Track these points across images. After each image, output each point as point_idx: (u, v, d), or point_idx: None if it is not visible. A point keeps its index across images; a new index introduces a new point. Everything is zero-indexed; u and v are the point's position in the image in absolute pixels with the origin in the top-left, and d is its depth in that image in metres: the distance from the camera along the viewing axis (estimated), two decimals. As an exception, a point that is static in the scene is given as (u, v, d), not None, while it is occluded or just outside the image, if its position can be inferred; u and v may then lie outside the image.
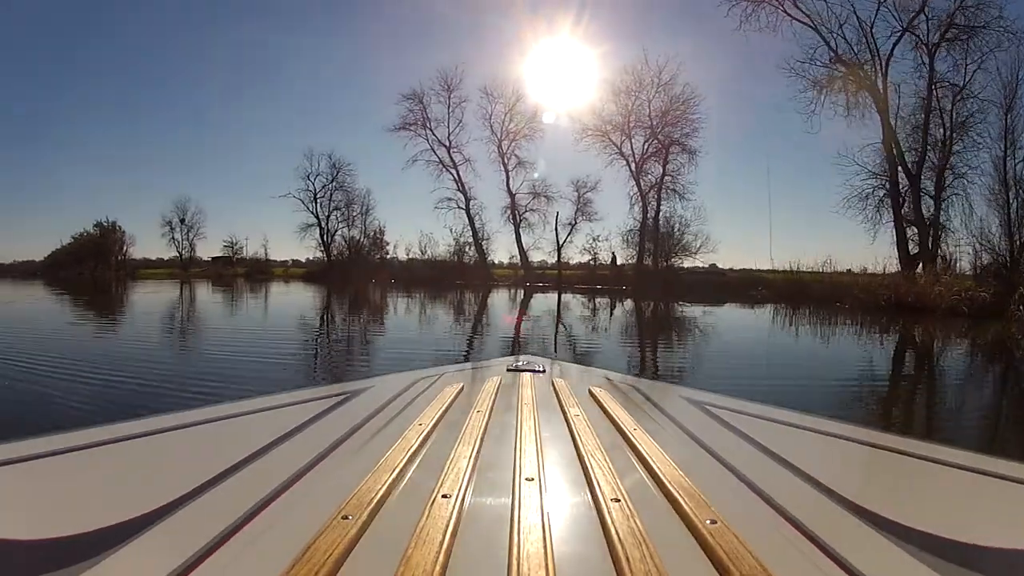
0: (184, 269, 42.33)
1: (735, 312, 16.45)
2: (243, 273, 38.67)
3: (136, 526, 0.60)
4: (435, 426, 1.00)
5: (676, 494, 0.69)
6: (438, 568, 0.49)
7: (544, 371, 1.63)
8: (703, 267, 27.47)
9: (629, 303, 18.88)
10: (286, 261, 42.92)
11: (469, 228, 32.18)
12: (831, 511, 0.73)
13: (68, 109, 58.98)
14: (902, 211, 19.76)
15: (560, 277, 29.04)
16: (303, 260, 39.32)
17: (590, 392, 1.36)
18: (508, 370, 1.63)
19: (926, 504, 0.84)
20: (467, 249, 32.48)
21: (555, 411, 1.17)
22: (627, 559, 0.52)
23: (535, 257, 32.06)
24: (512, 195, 31.32)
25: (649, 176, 28.82)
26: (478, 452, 0.85)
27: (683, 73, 27.53)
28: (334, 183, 36.35)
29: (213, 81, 62.01)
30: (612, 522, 0.59)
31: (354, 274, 31.22)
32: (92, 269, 41.30)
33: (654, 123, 28.29)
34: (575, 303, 18.47)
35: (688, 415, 1.30)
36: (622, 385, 1.58)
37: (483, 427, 0.99)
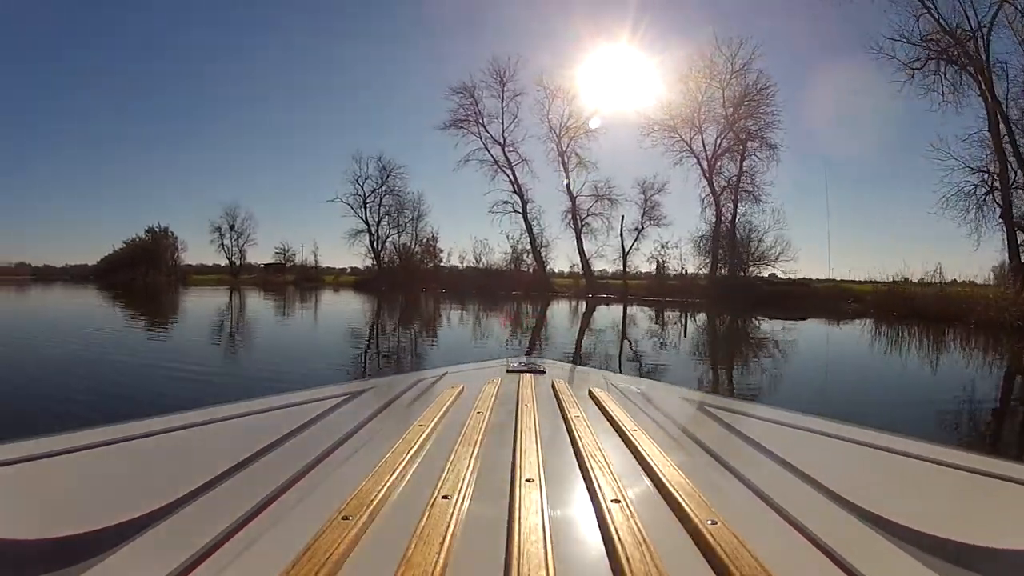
0: (234, 275, 45.27)
1: (822, 329, 15.63)
2: (292, 280, 40.88)
3: (136, 526, 0.64)
4: (435, 427, 1.06)
5: (676, 494, 0.73)
6: (438, 569, 0.52)
7: (544, 372, 1.74)
8: (782, 276, 26.24)
9: (702, 317, 18.43)
10: (337, 268, 44.92)
11: (526, 234, 32.07)
12: (831, 511, 0.78)
13: (118, 114, 64.65)
14: (1013, 212, 18.04)
15: (626, 288, 28.64)
16: (355, 268, 40.90)
17: (590, 393, 1.44)
18: (508, 371, 1.72)
19: (926, 504, 0.90)
20: (524, 257, 32.55)
21: (555, 412, 1.24)
22: (627, 559, 0.55)
23: (598, 266, 31.77)
24: (573, 198, 30.91)
25: (721, 176, 27.93)
26: (478, 453, 0.89)
27: (756, 60, 26.45)
28: (384, 187, 37.43)
29: (263, 85, 66.02)
30: (612, 523, 0.63)
31: (405, 282, 31.97)
32: (144, 274, 44.62)
33: (729, 115, 27.15)
34: (642, 317, 18.19)
35: (688, 415, 1.41)
36: (622, 386, 1.65)
37: (483, 428, 1.04)
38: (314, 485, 0.78)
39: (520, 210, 32.34)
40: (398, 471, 0.79)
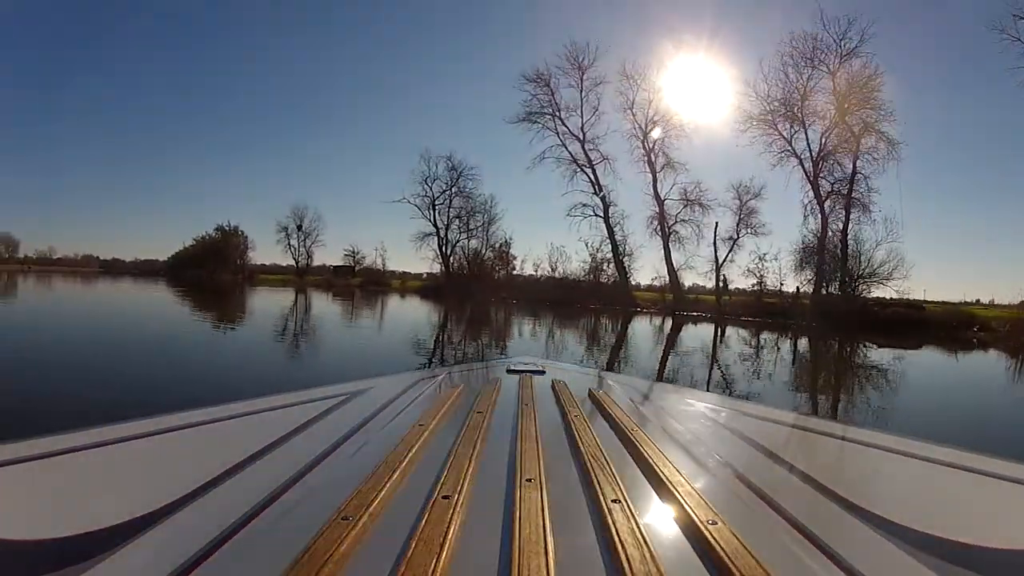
0: (299, 276, 47.72)
1: (944, 362, 14.44)
2: (358, 284, 42.53)
3: (136, 526, 0.67)
4: (435, 427, 1.11)
5: (676, 494, 0.77)
6: (439, 569, 0.55)
7: (544, 372, 1.84)
8: (894, 297, 24.16)
9: (803, 342, 17.66)
10: (404, 273, 45.99)
11: (607, 240, 31.25)
12: (831, 511, 0.84)
13: (190, 112, 69.53)
14: None
15: (719, 304, 27.64)
16: (424, 273, 41.33)
17: (590, 393, 1.53)
18: (508, 371, 1.82)
19: (926, 504, 0.96)
20: (605, 266, 31.91)
21: (555, 412, 1.30)
22: (627, 559, 0.58)
23: (687, 279, 30.80)
24: (660, 201, 29.93)
25: (827, 179, 25.82)
26: (478, 453, 0.93)
27: (866, 41, 23.85)
28: (453, 188, 37.66)
29: (331, 84, 69.40)
30: (612, 523, 0.67)
31: (475, 291, 32.00)
32: (212, 272, 47.75)
33: (837, 105, 24.82)
34: (735, 339, 17.54)
35: (688, 415, 1.49)
36: (621, 386, 1.74)
37: (483, 428, 1.09)
38: (314, 485, 0.82)
39: (601, 214, 31.30)
40: (398, 471, 0.83)
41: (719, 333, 19.28)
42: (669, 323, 22.74)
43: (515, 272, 36.15)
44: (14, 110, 66.70)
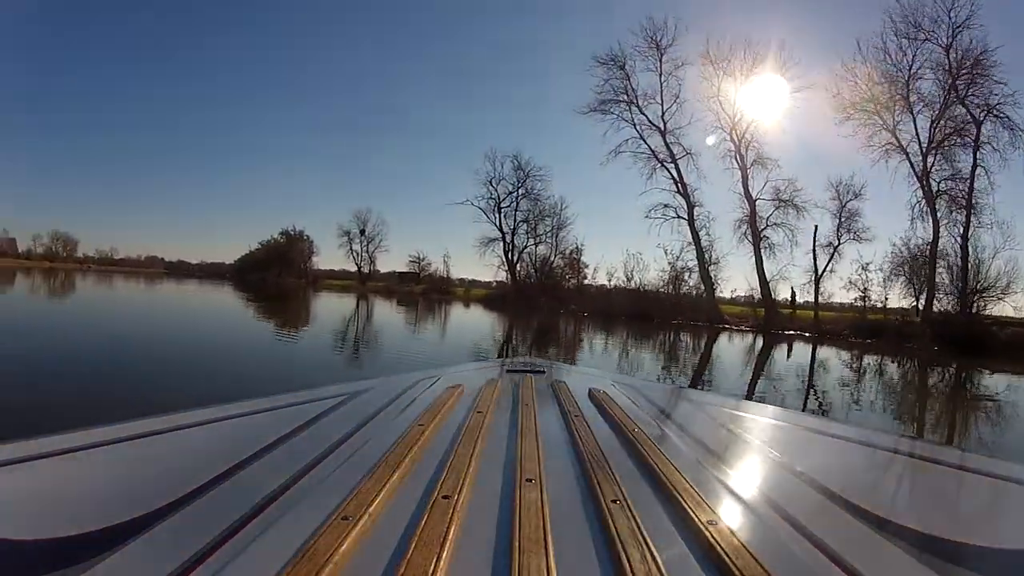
0: (361, 282, 49.17)
1: None
2: (421, 291, 42.96)
3: (136, 526, 0.70)
4: (435, 427, 1.15)
5: (676, 494, 0.80)
6: (439, 569, 0.58)
7: (544, 372, 1.91)
8: (1010, 316, 21.59)
9: (912, 365, 16.45)
10: (472, 281, 46.29)
11: (689, 247, 29.38)
12: (831, 511, 0.87)
13: (258, 119, 73.54)
14: None
15: (818, 320, 25.86)
16: (488, 280, 41.25)
17: (590, 393, 1.57)
18: (508, 371, 1.89)
19: (926, 504, 1.01)
20: (687, 276, 30.26)
21: (555, 412, 1.35)
22: (627, 559, 0.61)
23: (780, 292, 28.68)
24: (752, 202, 27.83)
25: (934, 176, 23.04)
26: (478, 453, 0.97)
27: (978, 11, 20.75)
28: (521, 190, 37.18)
29: (401, 84, 71.56)
30: (612, 523, 0.70)
31: (543, 301, 31.39)
32: (276, 275, 50.13)
33: (949, 87, 21.99)
34: (835, 362, 16.48)
35: (688, 415, 1.53)
36: (621, 386, 1.80)
37: (483, 428, 1.13)
38: (314, 485, 0.84)
39: (686, 215, 29.13)
40: (398, 471, 0.86)
41: (815, 354, 18.24)
42: (759, 341, 21.63)
43: (586, 282, 35.01)
44: (79, 119, 72.54)
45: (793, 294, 28.60)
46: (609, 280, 33.61)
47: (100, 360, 7.88)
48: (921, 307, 24.22)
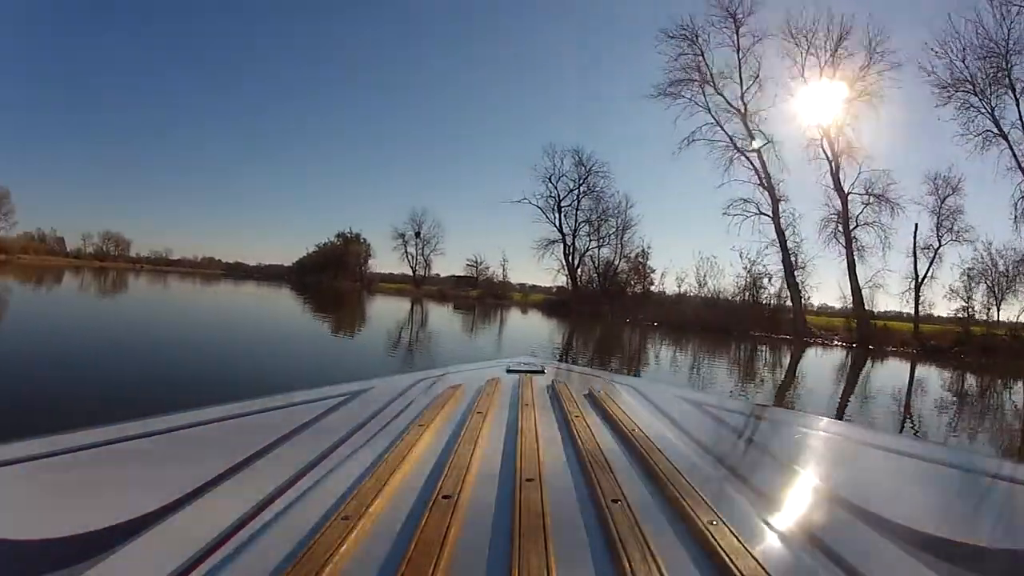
0: (416, 285, 49.41)
1: None
2: (476, 296, 42.81)
3: (136, 526, 0.72)
4: (435, 427, 1.17)
5: (676, 494, 0.83)
6: (439, 569, 0.60)
7: (544, 371, 1.98)
8: None
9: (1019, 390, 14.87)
10: (532, 286, 45.54)
11: (770, 249, 26.89)
12: (832, 511, 0.91)
13: (322, 122, 75.47)
14: None
15: (919, 334, 23.56)
16: (552, 287, 39.28)
17: (590, 392, 1.64)
18: (508, 371, 1.94)
19: (926, 504, 1.06)
20: (767, 283, 27.97)
21: (555, 411, 1.40)
22: (627, 559, 0.63)
23: (876, 303, 26.16)
24: (844, 196, 25.08)
25: None
26: (478, 453, 1.00)
27: None
28: (582, 187, 35.78)
29: (459, 82, 71.99)
30: (612, 523, 0.72)
31: (607, 309, 30.13)
32: (332, 278, 51.14)
33: None
34: (933, 383, 15.09)
35: (688, 415, 1.58)
36: (621, 386, 1.92)
37: (483, 428, 1.16)
38: (314, 485, 0.86)
39: (769, 211, 26.49)
40: (398, 471, 0.88)
41: (914, 373, 16.63)
42: (849, 357, 19.90)
43: (652, 288, 33.09)
44: (132, 121, 76.08)
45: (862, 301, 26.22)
46: (679, 286, 31.67)
47: (133, 359, 8.14)
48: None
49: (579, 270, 35.60)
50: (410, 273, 52.10)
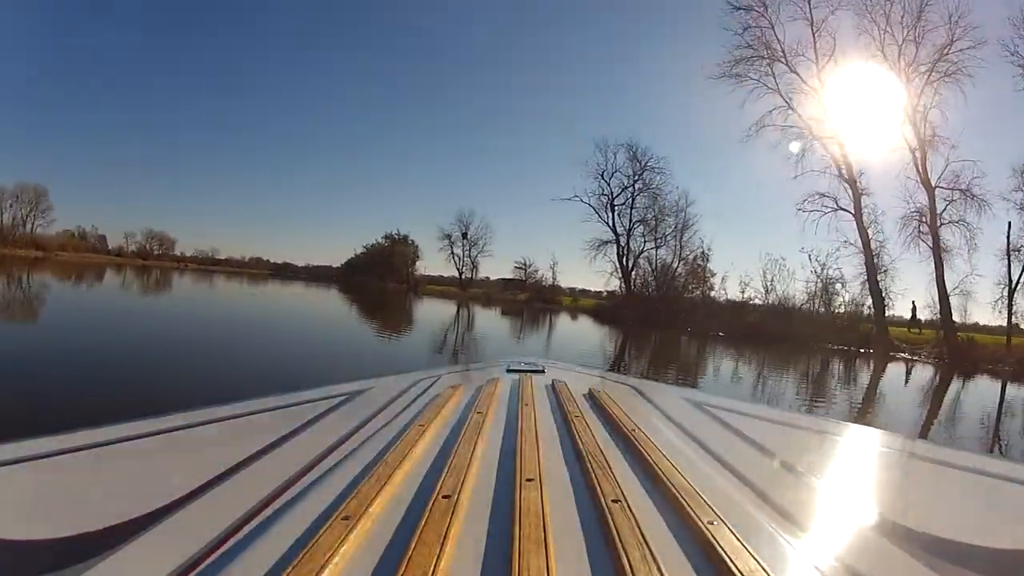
0: (462, 288, 49.03)
1: None
2: (524, 299, 42.01)
3: (136, 526, 0.74)
4: (435, 427, 1.20)
5: (676, 494, 0.84)
6: (439, 569, 0.61)
7: (544, 371, 2.09)
8: None
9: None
10: (582, 291, 44.38)
11: (844, 251, 24.68)
12: (832, 511, 0.94)
13: (373, 122, 76.48)
14: None
15: (1010, 347, 21.44)
16: (602, 291, 37.90)
17: (590, 392, 1.70)
18: (507, 371, 2.04)
19: (926, 504, 1.09)
20: (841, 290, 25.83)
21: (555, 411, 1.43)
22: (627, 559, 0.63)
23: (970, 314, 23.86)
24: (931, 191, 22.47)
25: None
26: (478, 453, 1.01)
27: None
28: (637, 183, 34.11)
29: (508, 78, 71.74)
30: (612, 522, 0.73)
31: (663, 315, 28.34)
32: (379, 279, 51.51)
33: None
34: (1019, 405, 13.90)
35: (688, 415, 1.63)
36: (621, 386, 2.06)
37: (483, 428, 1.18)
38: (314, 485, 0.88)
39: (850, 208, 23.83)
40: (398, 471, 0.89)
41: (1004, 395, 15.22)
42: (937, 375, 18.27)
43: (713, 293, 31.13)
44: (176, 119, 78.47)
45: (914, 309, 24.68)
46: (742, 292, 29.48)
47: (152, 357, 8.51)
48: None
49: (633, 272, 33.84)
50: (456, 275, 51.69)
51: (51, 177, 73.94)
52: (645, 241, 33.81)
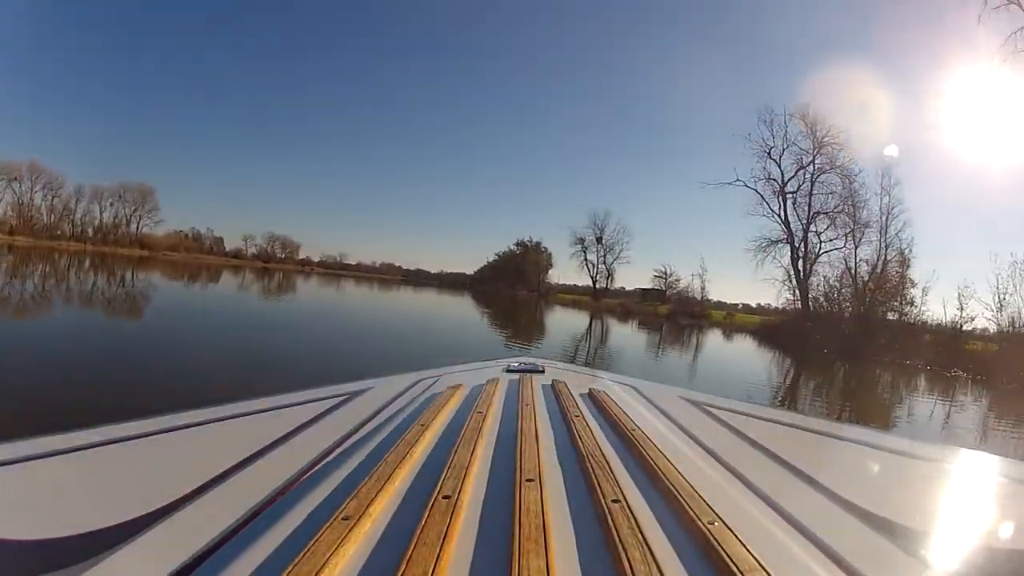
0: (595, 298, 44.67)
1: None
2: (665, 312, 36.70)
3: (136, 526, 0.75)
4: (435, 427, 1.19)
5: (676, 494, 0.84)
6: (439, 569, 0.62)
7: (544, 372, 2.05)
8: None
9: None
10: (736, 305, 39.52)
11: None
12: (831, 511, 0.93)
13: (516, 126, 74.19)
14: None
15: None
16: (767, 305, 31.81)
17: (590, 392, 1.66)
18: (507, 371, 2.03)
19: (926, 504, 1.10)
20: None
21: (555, 412, 1.41)
22: (628, 560, 0.64)
23: None
24: None
25: None
26: (478, 453, 1.01)
27: None
28: (816, 159, 25.95)
29: (649, 69, 66.54)
30: (612, 523, 0.73)
31: (851, 341, 21.14)
32: (509, 286, 48.67)
33: None
34: None
35: (688, 415, 1.58)
36: (621, 386, 1.95)
37: (483, 428, 1.17)
38: (314, 485, 0.88)
39: None
40: (398, 471, 0.89)
41: None
42: None
43: (917, 313, 22.71)
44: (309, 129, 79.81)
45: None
46: (960, 309, 21.63)
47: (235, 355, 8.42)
48: None
49: (811, 281, 25.38)
50: (590, 283, 47.67)
51: (175, 186, 77.21)
52: (821, 242, 25.81)
